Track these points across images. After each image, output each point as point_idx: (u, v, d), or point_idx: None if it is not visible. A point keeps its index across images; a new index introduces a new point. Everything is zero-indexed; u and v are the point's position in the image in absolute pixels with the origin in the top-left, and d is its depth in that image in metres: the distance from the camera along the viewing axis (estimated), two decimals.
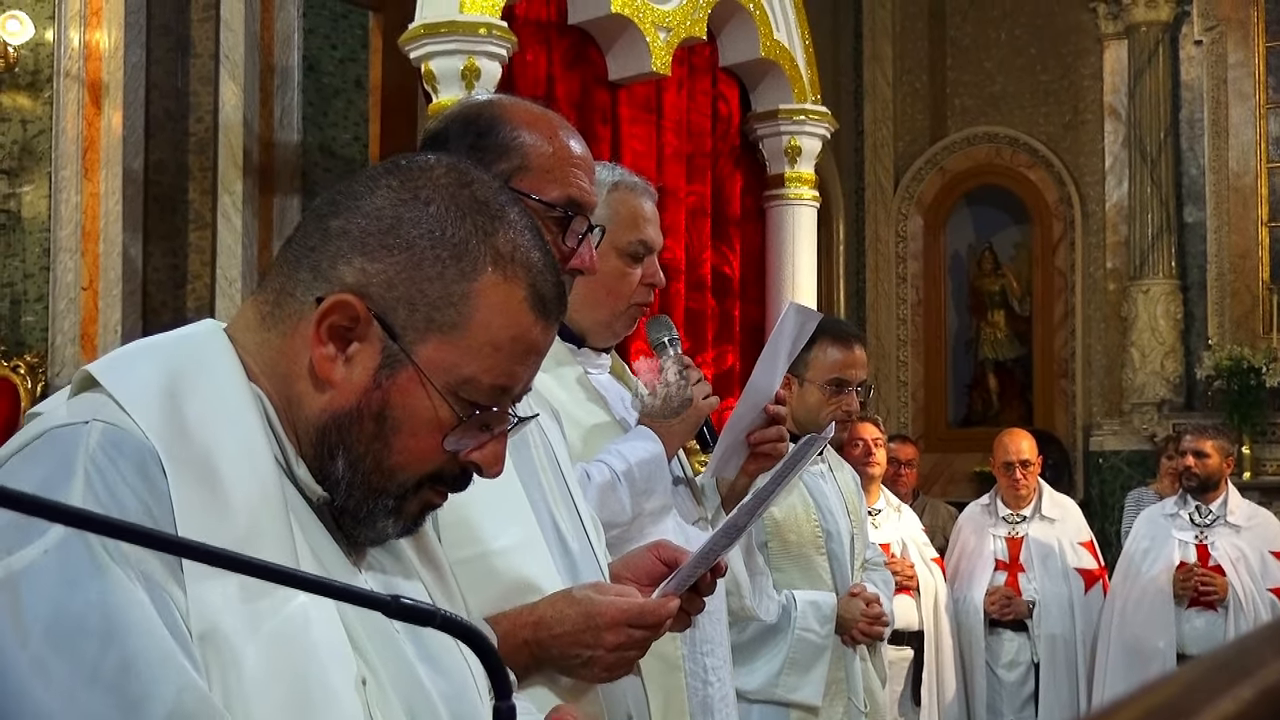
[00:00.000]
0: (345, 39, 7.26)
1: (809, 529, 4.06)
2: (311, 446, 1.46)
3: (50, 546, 1.28)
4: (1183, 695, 0.79)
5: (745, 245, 7.26)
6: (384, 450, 1.45)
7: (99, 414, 1.37)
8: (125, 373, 1.42)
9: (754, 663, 3.88)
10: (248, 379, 1.45)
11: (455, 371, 1.44)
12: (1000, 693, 6.68)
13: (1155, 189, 10.24)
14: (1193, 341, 10.29)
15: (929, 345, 11.33)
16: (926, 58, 11.40)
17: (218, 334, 1.50)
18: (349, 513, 1.47)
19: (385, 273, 1.43)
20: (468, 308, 1.44)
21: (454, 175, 1.48)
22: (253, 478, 1.40)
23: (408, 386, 1.43)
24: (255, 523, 1.37)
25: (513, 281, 1.45)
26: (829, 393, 3.99)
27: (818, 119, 7.31)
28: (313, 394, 1.45)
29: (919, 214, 11.34)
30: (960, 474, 10.66)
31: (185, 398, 1.40)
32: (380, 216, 1.44)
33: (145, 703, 1.24)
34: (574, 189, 2.19)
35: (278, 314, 1.47)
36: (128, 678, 1.25)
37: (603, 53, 6.59)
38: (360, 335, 1.42)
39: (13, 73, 6.83)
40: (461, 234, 1.44)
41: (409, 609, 1.19)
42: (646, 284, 2.85)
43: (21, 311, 6.87)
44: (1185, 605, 6.21)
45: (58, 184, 6.75)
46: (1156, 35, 10.30)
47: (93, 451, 1.33)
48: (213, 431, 1.39)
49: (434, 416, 1.44)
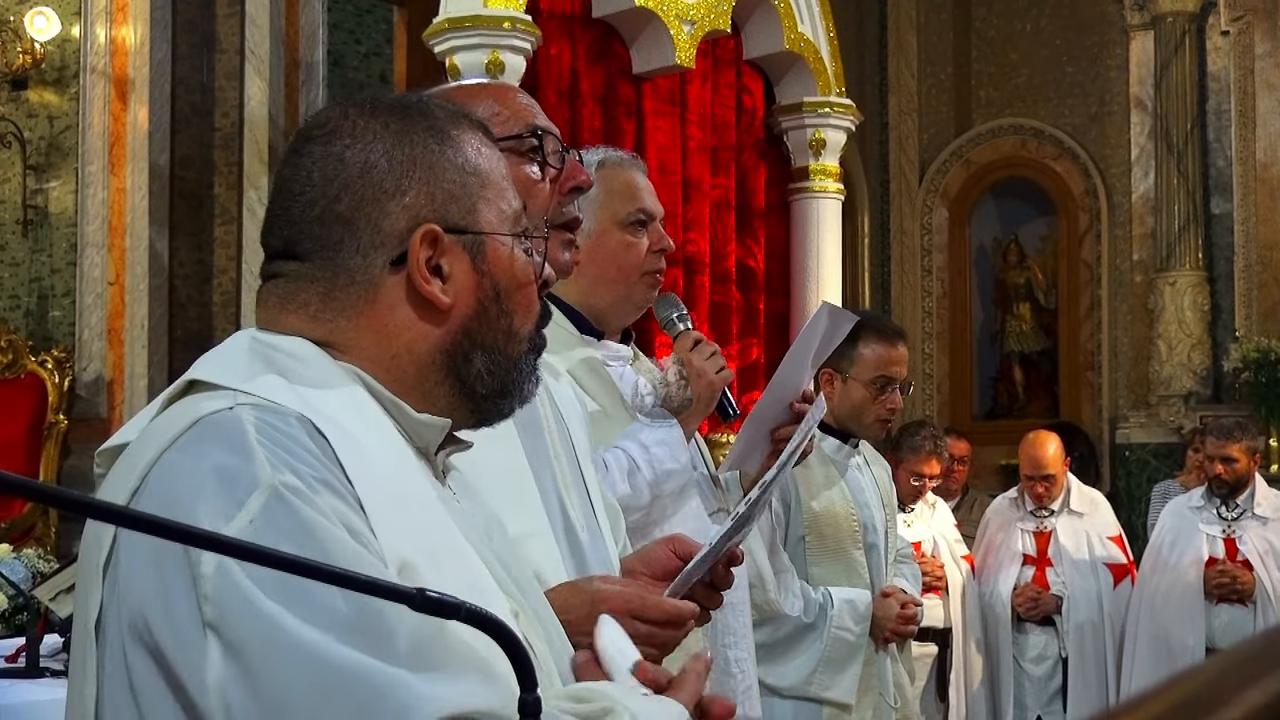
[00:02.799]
0: (370, 33, 7.27)
1: (847, 523, 4.05)
2: (437, 384, 1.55)
3: (254, 516, 1.32)
4: (1211, 687, 0.78)
5: (770, 238, 7.26)
6: (510, 319, 1.58)
7: (236, 400, 1.41)
8: (231, 366, 1.48)
9: (789, 660, 3.89)
10: (333, 359, 1.51)
11: (505, 215, 1.59)
12: (1028, 687, 6.65)
13: (1182, 180, 10.18)
14: (1220, 333, 10.23)
15: (954, 338, 11.30)
16: (951, 49, 11.35)
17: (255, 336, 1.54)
18: (498, 394, 1.59)
19: (419, 196, 1.53)
20: (475, 165, 1.57)
21: (364, 102, 1.60)
22: (380, 438, 1.48)
23: (497, 256, 1.57)
24: (400, 474, 1.47)
25: (470, 129, 1.60)
26: (874, 391, 3.99)
27: (842, 111, 7.31)
28: (426, 332, 1.54)
29: (944, 206, 11.31)
30: (986, 467, 10.62)
31: (294, 378, 1.46)
32: (371, 167, 1.53)
33: (390, 637, 1.29)
34: (531, 117, 2.12)
35: (335, 305, 1.52)
36: (368, 617, 1.29)
37: (627, 46, 6.59)
38: (443, 252, 1.53)
39: (40, 69, 6.86)
40: (421, 125, 1.56)
41: (434, 601, 1.19)
42: (656, 250, 2.83)
43: (49, 306, 6.91)
44: (1214, 601, 6.18)
45: (84, 179, 6.79)
46: (1183, 26, 10.24)
47: (258, 427, 1.38)
48: (330, 402, 1.45)
49: (524, 263, 1.59)
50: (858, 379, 3.99)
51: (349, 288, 1.52)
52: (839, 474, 4.09)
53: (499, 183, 1.59)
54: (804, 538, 4.00)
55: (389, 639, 1.29)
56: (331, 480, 1.37)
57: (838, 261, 7.36)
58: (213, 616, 1.29)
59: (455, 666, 1.31)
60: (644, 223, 2.81)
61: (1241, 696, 0.76)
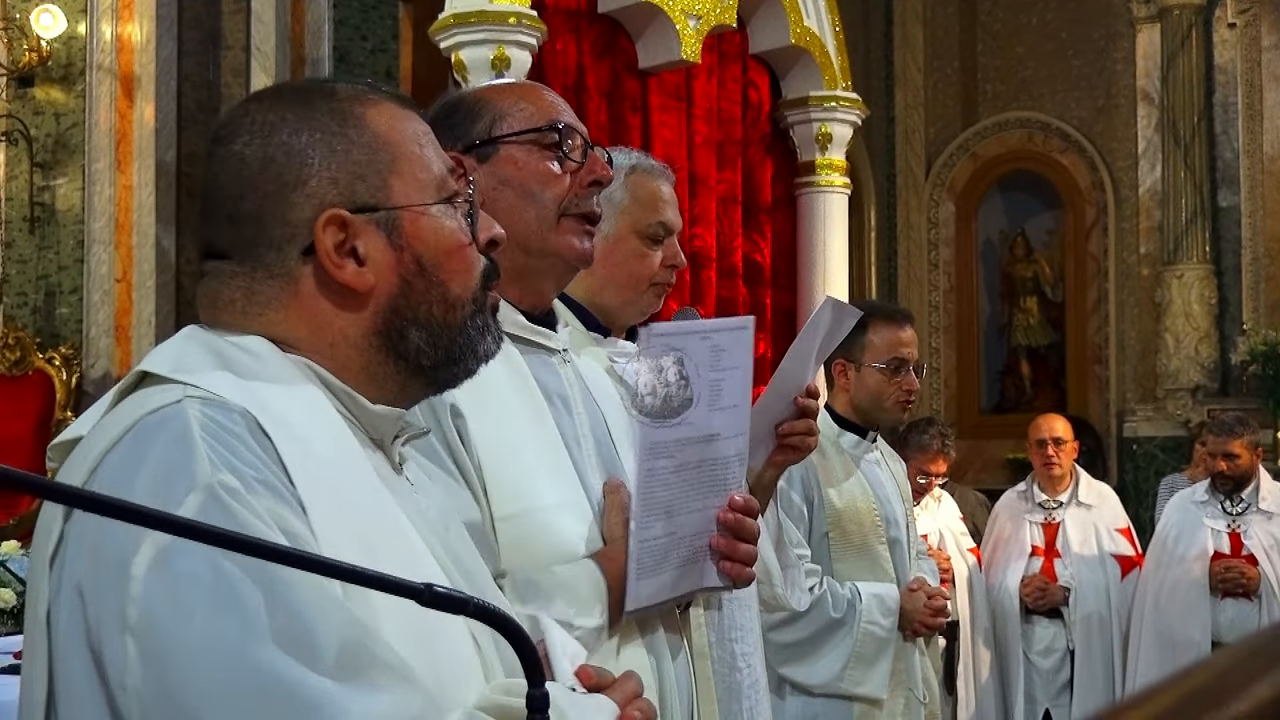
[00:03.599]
0: (375, 30, 7.27)
1: (869, 518, 4.05)
2: (381, 365, 1.55)
3: (190, 515, 1.30)
4: (1218, 681, 0.78)
5: (776, 233, 7.25)
6: (442, 288, 1.56)
7: (185, 394, 1.41)
8: (181, 360, 1.48)
9: (819, 657, 3.88)
10: (282, 351, 1.52)
11: (424, 184, 1.56)
12: (1036, 680, 6.65)
13: (1189, 173, 10.17)
14: (1227, 326, 10.22)
15: (961, 332, 11.29)
16: (957, 43, 11.35)
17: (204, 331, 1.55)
18: (447, 362, 1.58)
19: (321, 182, 1.52)
20: (384, 141, 1.55)
21: (267, 93, 1.62)
22: (328, 433, 1.47)
23: (416, 228, 1.55)
24: (346, 470, 1.46)
25: (377, 102, 1.59)
26: (889, 374, 4.01)
27: (848, 105, 7.30)
28: (354, 318, 1.53)
29: (951, 200, 11.30)
30: (993, 461, 10.62)
31: (244, 372, 1.46)
32: (270, 161, 1.53)
33: (316, 646, 1.28)
34: (555, 113, 2.21)
35: (260, 301, 1.53)
36: (296, 624, 1.28)
37: (633, 41, 6.59)
38: (355, 235, 1.52)
39: (46, 66, 6.87)
40: (321, 109, 1.55)
41: (442, 596, 1.20)
42: (668, 265, 2.84)
43: (56, 304, 6.92)
44: (1220, 596, 6.18)
45: (91, 177, 6.79)
46: (1189, 18, 10.23)
47: (201, 422, 1.37)
48: (277, 397, 1.45)
49: (450, 229, 1.57)
50: (871, 364, 4.01)
51: (268, 281, 1.53)
52: (859, 470, 4.10)
53: (414, 152, 1.57)
54: (828, 534, 3.99)
55: (316, 648, 1.28)
56: (272, 480, 1.36)
57: (844, 256, 7.35)
58: (135, 619, 1.28)
59: (382, 676, 1.30)
60: (661, 237, 2.82)
61: (1249, 690, 0.76)
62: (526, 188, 2.18)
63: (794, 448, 3.07)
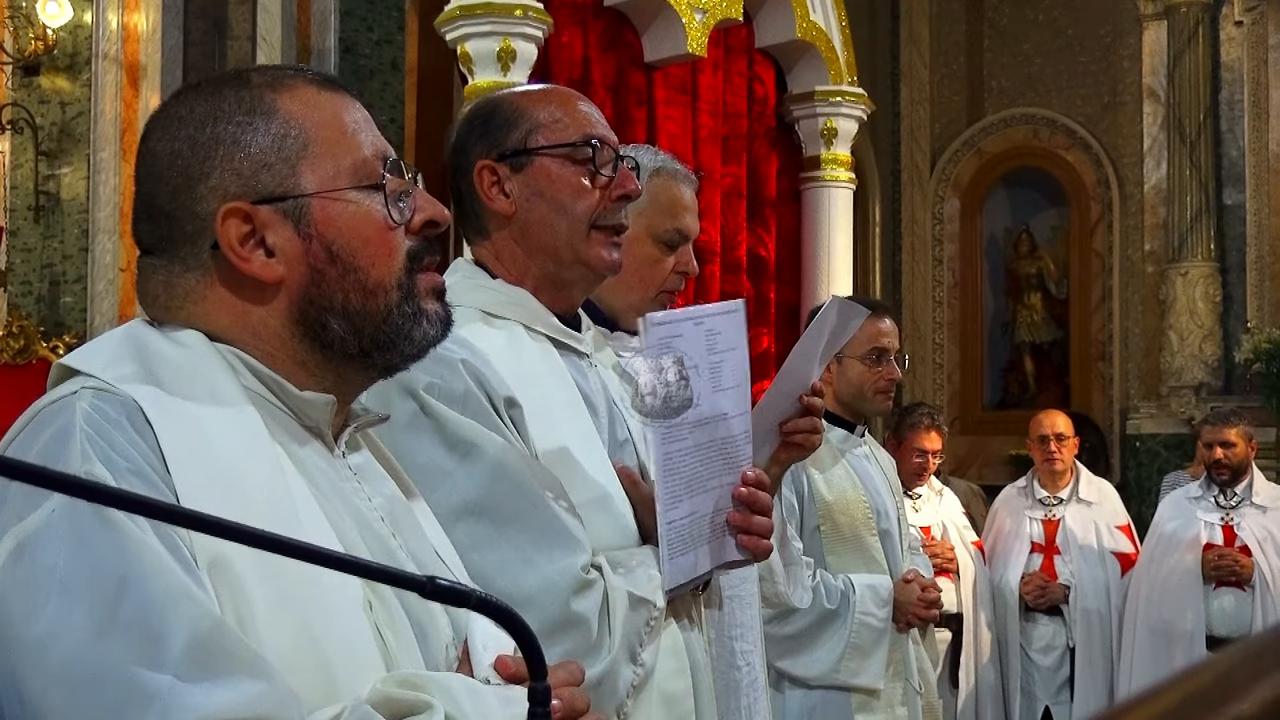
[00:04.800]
0: (381, 20, 7.26)
1: (860, 511, 4.07)
2: (308, 353, 1.54)
3: (57, 505, 1.33)
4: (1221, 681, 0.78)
5: (781, 227, 7.24)
6: (357, 275, 1.53)
7: (84, 383, 1.44)
8: (94, 353, 1.50)
9: (815, 649, 3.90)
10: (210, 342, 1.52)
11: (340, 170, 1.54)
12: (1036, 677, 6.65)
13: (1194, 171, 10.15)
14: (1231, 324, 10.21)
15: (965, 328, 11.28)
16: (964, 39, 11.33)
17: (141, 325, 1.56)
18: (380, 347, 1.56)
19: (224, 174, 1.52)
20: (295, 128, 1.53)
21: (188, 87, 1.61)
22: (232, 424, 1.46)
23: (326, 215, 1.53)
24: (244, 466, 1.44)
25: (293, 87, 1.56)
26: (869, 363, 4.05)
27: (854, 101, 7.29)
28: (270, 308, 1.53)
29: (955, 196, 11.29)
30: (996, 457, 10.62)
31: (155, 366, 1.47)
32: (177, 156, 1.53)
33: (162, 639, 1.28)
34: (589, 127, 2.27)
35: (179, 294, 1.54)
36: (146, 617, 1.29)
37: (639, 34, 6.58)
38: (262, 225, 1.51)
39: (51, 55, 6.87)
40: (231, 100, 1.54)
41: (444, 589, 1.20)
42: (679, 272, 2.85)
43: (60, 292, 6.92)
44: (1213, 586, 6.19)
45: (96, 165, 6.79)
46: (1196, 16, 10.21)
47: (86, 414, 1.39)
48: (187, 392, 1.45)
49: (366, 214, 1.54)
50: (852, 356, 4.07)
51: (185, 275, 1.54)
52: (847, 463, 4.12)
53: (328, 138, 1.55)
54: (819, 528, 4.01)
55: (162, 641, 1.28)
56: (145, 470, 1.37)
57: (849, 251, 7.34)
58: None
59: (232, 670, 1.30)
60: (677, 243, 2.84)
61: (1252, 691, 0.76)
62: (559, 200, 2.25)
63: (798, 445, 3.07)
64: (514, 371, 2.17)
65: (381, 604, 1.49)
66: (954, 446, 10.91)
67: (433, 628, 1.56)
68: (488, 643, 1.52)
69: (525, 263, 2.28)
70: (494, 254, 2.30)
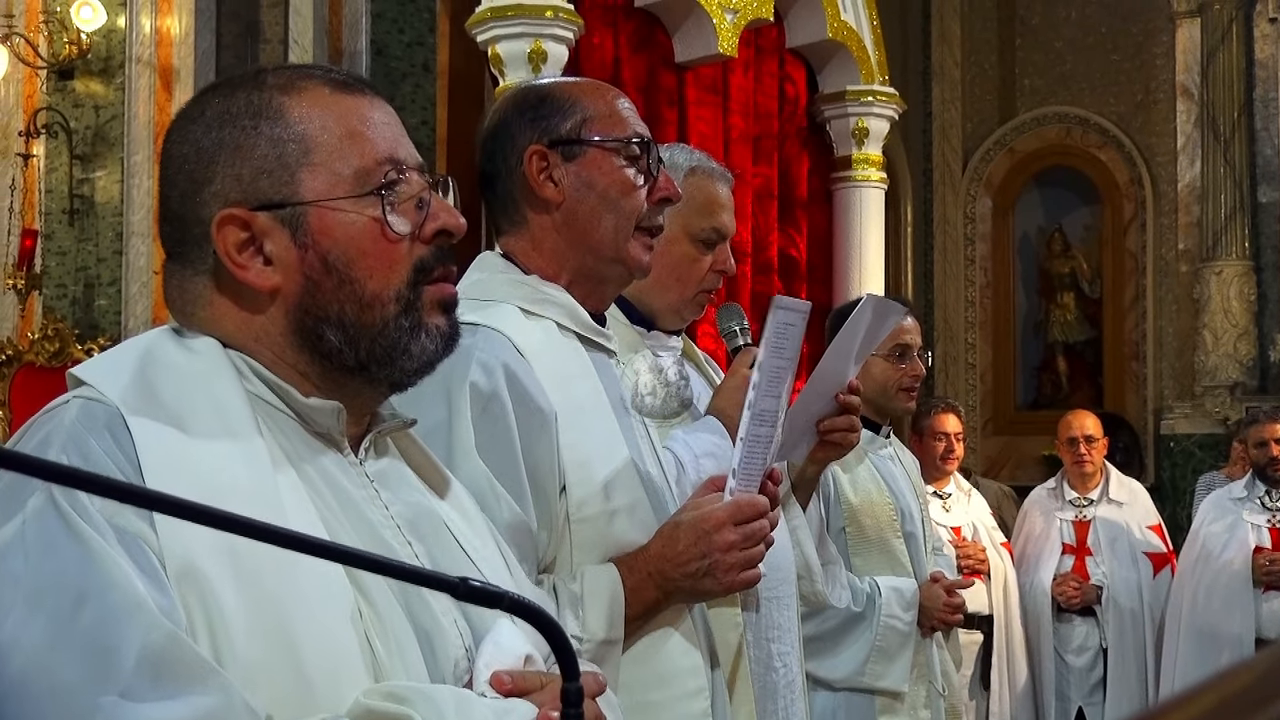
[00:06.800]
0: (413, 22, 7.28)
1: (885, 513, 4.06)
2: (308, 363, 1.52)
3: (27, 517, 1.34)
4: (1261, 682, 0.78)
5: (812, 227, 7.24)
6: (353, 286, 1.50)
7: (79, 393, 1.45)
8: (100, 363, 1.51)
9: (839, 651, 3.88)
10: (224, 348, 1.51)
11: (340, 178, 1.50)
12: (1069, 678, 6.63)
13: (1228, 169, 10.09)
14: (1266, 323, 10.14)
15: (998, 327, 11.23)
16: (995, 37, 11.28)
17: (164, 330, 1.56)
18: (377, 361, 1.53)
19: (225, 179, 1.50)
20: (298, 133, 1.50)
21: (208, 87, 1.58)
22: (225, 432, 1.44)
23: (323, 225, 1.50)
24: (228, 474, 1.42)
25: (305, 89, 1.53)
26: (893, 360, 4.03)
27: (885, 100, 7.28)
28: (269, 316, 1.51)
29: (988, 195, 11.25)
30: (1029, 457, 10.57)
31: (156, 372, 1.46)
32: (185, 160, 1.52)
33: (114, 653, 1.28)
34: (637, 125, 2.26)
35: (189, 298, 1.54)
36: (100, 631, 1.29)
37: (669, 35, 6.58)
38: (260, 232, 1.49)
39: (85, 59, 6.90)
40: (241, 102, 1.52)
41: (477, 590, 1.19)
42: (717, 271, 2.85)
43: (95, 295, 6.96)
44: (1262, 590, 6.14)
45: (130, 169, 6.83)
46: (1230, 13, 10.15)
47: (70, 424, 1.41)
48: (182, 398, 1.45)
49: (364, 224, 1.51)
50: (875, 354, 4.03)
51: (194, 279, 1.53)
52: (872, 464, 4.11)
53: (332, 144, 1.51)
54: (844, 529, 4.00)
55: (113, 655, 1.28)
56: (117, 475, 1.36)
57: (880, 251, 7.33)
58: None
59: (183, 684, 1.29)
60: (714, 242, 2.83)
61: None
62: (609, 195, 2.22)
63: (836, 444, 3.07)
64: (550, 372, 2.14)
65: (374, 612, 1.45)
66: (986, 447, 10.89)
67: (441, 639, 1.51)
68: (490, 661, 1.48)
69: (565, 254, 2.24)
70: (531, 243, 2.25)
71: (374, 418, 1.62)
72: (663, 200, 2.26)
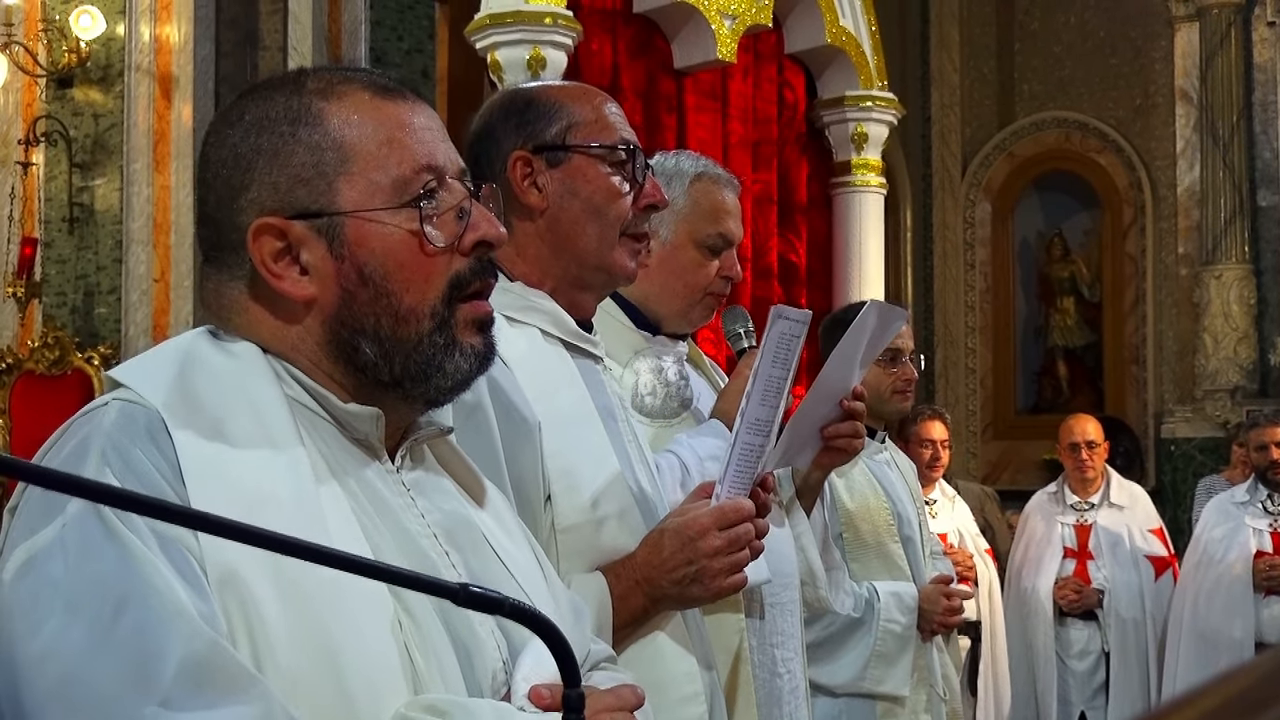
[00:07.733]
0: (412, 30, 7.29)
1: (882, 517, 4.06)
2: (345, 374, 1.50)
3: (68, 521, 1.32)
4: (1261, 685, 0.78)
5: (812, 233, 7.24)
6: (389, 300, 1.48)
7: (117, 395, 1.43)
8: (138, 364, 1.49)
9: (839, 657, 3.87)
10: (264, 353, 1.50)
11: (378, 187, 1.48)
12: (1071, 683, 6.62)
13: (1228, 173, 10.09)
14: (1266, 327, 10.14)
15: (997, 332, 11.24)
16: (994, 42, 11.29)
17: (201, 332, 1.54)
18: (412, 378, 1.51)
19: (262, 187, 1.48)
20: (336, 140, 1.48)
21: (248, 88, 1.57)
22: (265, 437, 1.43)
23: (360, 236, 1.47)
24: (270, 479, 1.41)
25: (346, 95, 1.51)
26: (885, 364, 4.03)
27: (884, 105, 7.28)
28: (304, 326, 1.49)
29: (987, 200, 11.25)
30: (1029, 462, 10.58)
31: (195, 375, 1.45)
32: (222, 164, 1.50)
33: (156, 660, 1.27)
34: (624, 130, 2.24)
35: (226, 303, 1.52)
36: (141, 638, 1.27)
37: (668, 41, 6.59)
38: (296, 241, 1.47)
39: (85, 67, 6.91)
40: (280, 107, 1.50)
41: (477, 596, 1.19)
42: (723, 276, 2.85)
43: (95, 303, 6.96)
44: (1263, 594, 6.14)
45: (129, 177, 6.83)
46: (1228, 17, 10.15)
47: (109, 428, 1.39)
48: (223, 402, 1.43)
49: (401, 237, 1.48)
50: None
51: (230, 284, 1.52)
52: (869, 469, 4.10)
53: (371, 152, 1.49)
54: (842, 534, 4.00)
55: (154, 663, 1.27)
56: (159, 483, 1.36)
57: (880, 256, 7.33)
58: None
59: (224, 693, 1.28)
60: (720, 248, 2.83)
61: None
62: (593, 202, 2.20)
63: (840, 450, 3.06)
64: (535, 381, 2.13)
65: (414, 623, 1.43)
66: (987, 451, 10.89)
67: (479, 651, 1.49)
68: (529, 675, 1.46)
69: (549, 261, 2.22)
70: (515, 249, 2.22)
71: (410, 424, 1.60)
72: (649, 207, 2.25)
